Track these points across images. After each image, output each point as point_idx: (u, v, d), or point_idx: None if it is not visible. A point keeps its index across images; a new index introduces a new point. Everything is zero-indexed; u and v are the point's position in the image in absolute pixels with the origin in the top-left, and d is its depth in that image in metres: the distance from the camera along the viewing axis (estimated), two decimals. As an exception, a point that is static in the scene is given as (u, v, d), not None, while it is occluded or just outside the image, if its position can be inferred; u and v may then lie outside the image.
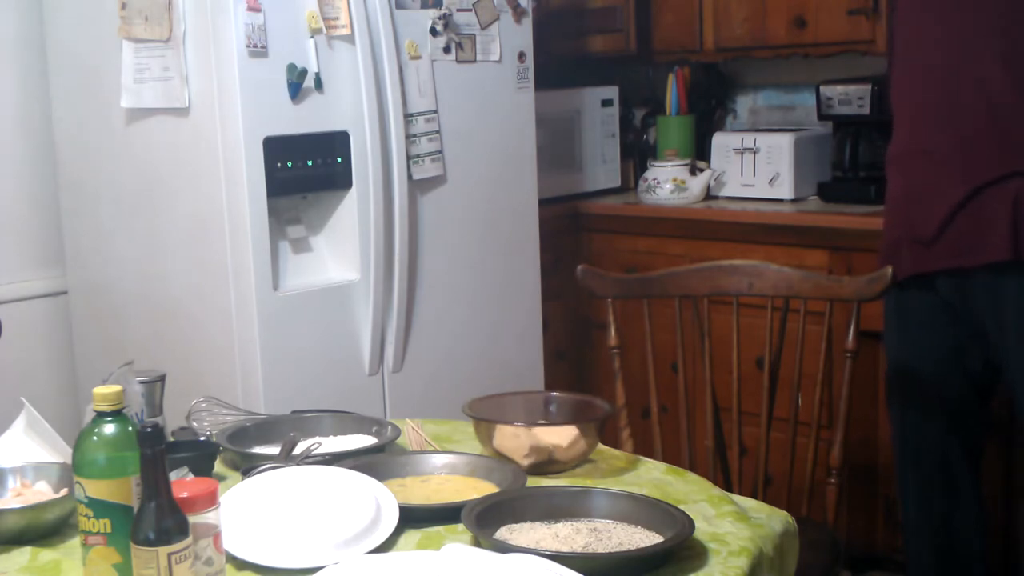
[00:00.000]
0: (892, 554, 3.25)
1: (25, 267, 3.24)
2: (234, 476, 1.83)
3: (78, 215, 3.14)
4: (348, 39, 2.83)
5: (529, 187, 3.35)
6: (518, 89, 3.28)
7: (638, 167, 4.10)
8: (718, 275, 2.52)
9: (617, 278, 2.63)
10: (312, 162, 2.84)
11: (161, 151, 2.86)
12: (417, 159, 3.01)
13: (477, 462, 1.80)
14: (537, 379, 3.37)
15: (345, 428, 2.00)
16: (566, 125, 3.93)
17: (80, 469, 1.43)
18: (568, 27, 4.07)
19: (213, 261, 2.80)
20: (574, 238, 3.88)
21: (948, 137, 2.43)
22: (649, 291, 2.57)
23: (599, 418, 1.90)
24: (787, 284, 2.45)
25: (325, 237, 2.96)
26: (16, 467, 1.74)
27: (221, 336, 2.81)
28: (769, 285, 2.46)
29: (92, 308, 3.16)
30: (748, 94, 4.09)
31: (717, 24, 3.73)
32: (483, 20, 3.16)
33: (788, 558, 1.69)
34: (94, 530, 1.41)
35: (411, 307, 3.05)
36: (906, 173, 2.53)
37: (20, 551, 1.57)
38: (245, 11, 2.66)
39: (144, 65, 2.80)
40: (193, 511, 1.36)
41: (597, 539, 1.52)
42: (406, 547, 1.56)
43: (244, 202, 2.72)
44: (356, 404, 2.68)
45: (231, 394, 2.69)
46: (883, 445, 3.19)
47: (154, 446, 1.33)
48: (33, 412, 1.87)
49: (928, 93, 2.48)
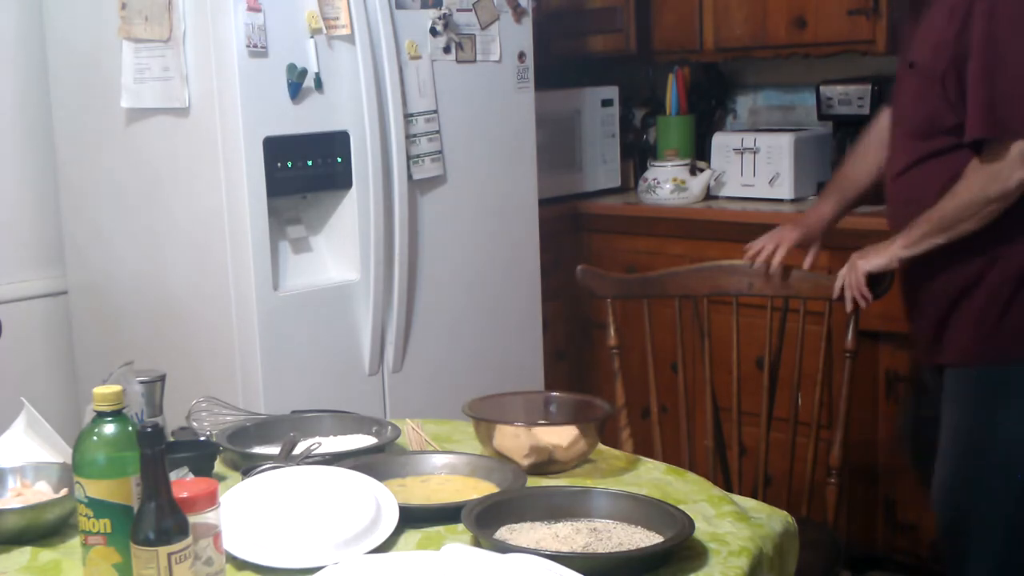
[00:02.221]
0: (892, 554, 3.25)
1: (25, 267, 3.24)
2: (234, 476, 1.83)
3: (78, 215, 3.14)
4: (348, 39, 2.83)
5: (529, 187, 3.35)
6: (518, 89, 3.28)
7: (638, 167, 4.10)
8: (718, 275, 2.53)
9: (617, 278, 2.63)
10: (312, 162, 2.84)
11: (161, 151, 2.86)
12: (417, 159, 3.01)
13: (477, 462, 1.80)
14: (537, 379, 3.37)
15: (345, 428, 2.00)
16: (566, 125, 3.93)
17: (80, 469, 1.43)
18: (568, 27, 4.07)
19: (213, 261, 2.80)
20: (574, 238, 3.88)
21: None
22: (649, 291, 2.57)
23: (599, 418, 1.90)
24: (785, 283, 2.46)
25: (325, 237, 2.96)
26: (16, 467, 1.74)
27: (221, 336, 2.81)
28: (769, 285, 2.47)
29: (92, 308, 3.16)
30: (748, 94, 4.09)
31: (717, 24, 3.73)
32: (483, 20, 3.16)
33: (788, 558, 1.69)
34: (94, 530, 1.41)
35: (411, 307, 3.05)
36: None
37: (20, 551, 1.57)
38: (245, 11, 2.66)
39: (144, 65, 2.79)
40: (193, 511, 1.36)
41: (597, 539, 1.52)
42: (406, 547, 1.56)
43: (244, 202, 2.72)
44: (356, 404, 2.68)
45: (231, 394, 2.69)
46: (883, 445, 3.20)
47: (154, 446, 1.33)
48: (33, 412, 1.87)
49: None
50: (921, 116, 2.28)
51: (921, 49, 2.27)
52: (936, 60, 2.22)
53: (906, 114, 2.35)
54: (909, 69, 2.30)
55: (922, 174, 2.29)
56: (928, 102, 2.26)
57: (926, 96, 2.26)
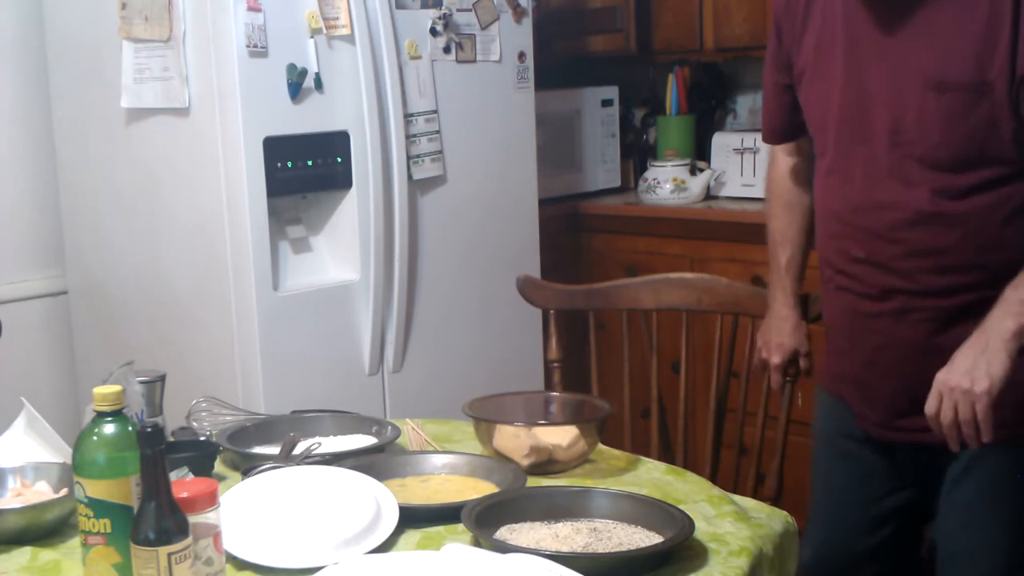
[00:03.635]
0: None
1: (25, 267, 3.24)
2: (234, 476, 1.83)
3: (78, 215, 3.14)
4: (348, 39, 2.83)
5: (529, 187, 3.35)
6: (518, 89, 3.28)
7: (638, 167, 4.11)
8: (664, 288, 2.45)
9: (560, 289, 2.56)
10: (312, 162, 2.84)
11: (161, 151, 2.86)
12: (417, 159, 3.01)
13: (477, 462, 1.80)
14: (537, 379, 3.37)
15: (345, 428, 2.00)
16: (566, 125, 3.93)
17: (80, 469, 1.43)
18: (568, 27, 4.07)
19: (213, 261, 2.80)
20: (574, 238, 3.88)
21: None
22: (594, 303, 2.52)
23: (599, 418, 1.90)
24: (735, 300, 2.37)
25: (325, 237, 2.96)
26: (16, 467, 1.74)
27: (221, 336, 2.81)
28: (717, 302, 2.39)
29: (92, 308, 3.16)
30: (748, 94, 4.09)
31: (717, 24, 3.73)
32: (483, 20, 3.16)
33: (788, 558, 1.69)
34: (94, 530, 1.41)
35: (411, 307, 3.05)
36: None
37: (20, 551, 1.57)
38: (245, 11, 2.66)
39: (144, 65, 2.80)
40: (193, 511, 1.36)
41: (597, 539, 1.52)
42: (406, 547, 1.55)
43: (244, 202, 2.72)
44: (356, 404, 2.68)
45: (231, 394, 2.69)
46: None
47: (154, 446, 1.33)
48: (33, 412, 1.87)
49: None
50: (958, 144, 1.81)
51: (942, 62, 1.80)
52: (982, 72, 1.76)
53: (919, 143, 1.84)
54: (928, 90, 1.81)
55: (957, 215, 1.83)
56: (969, 126, 1.79)
57: (965, 119, 1.79)
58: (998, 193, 1.81)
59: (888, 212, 1.88)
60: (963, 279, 1.85)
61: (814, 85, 1.99)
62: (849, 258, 1.96)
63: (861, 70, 1.90)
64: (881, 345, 1.95)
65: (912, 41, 1.83)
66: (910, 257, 1.87)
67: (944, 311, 1.87)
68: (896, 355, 1.93)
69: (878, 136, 1.88)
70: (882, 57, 1.86)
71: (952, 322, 1.86)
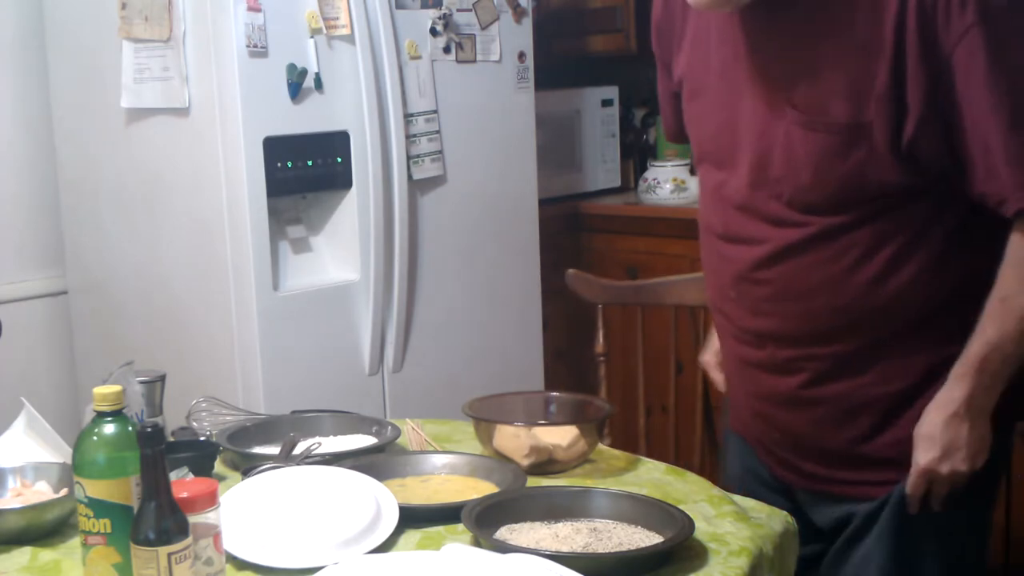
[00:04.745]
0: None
1: (25, 267, 3.24)
2: (234, 476, 1.83)
3: (78, 215, 3.14)
4: (348, 39, 2.83)
5: (529, 187, 3.35)
6: (518, 89, 3.28)
7: (638, 167, 4.10)
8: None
9: (608, 285, 2.56)
10: (312, 162, 2.84)
11: (161, 151, 2.86)
12: (417, 159, 3.01)
13: (477, 462, 1.80)
14: (537, 379, 3.37)
15: (345, 428, 2.00)
16: (566, 125, 3.93)
17: (80, 469, 1.43)
18: (568, 27, 4.07)
19: (213, 261, 2.80)
20: (574, 238, 3.88)
21: None
22: (643, 299, 2.53)
23: (599, 418, 1.90)
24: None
25: (325, 237, 2.96)
26: (16, 467, 1.74)
27: (221, 336, 2.81)
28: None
29: (92, 308, 3.16)
30: (748, 94, 4.09)
31: (717, 24, 3.72)
32: (483, 20, 3.16)
33: (788, 558, 1.69)
34: (94, 530, 1.41)
35: (411, 307, 3.05)
36: None
37: (20, 551, 1.57)
38: (245, 11, 2.66)
39: (144, 65, 2.80)
40: (193, 511, 1.36)
41: (597, 539, 1.52)
42: (406, 547, 1.55)
43: (244, 202, 2.72)
44: (356, 404, 2.68)
45: (231, 394, 2.69)
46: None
47: (154, 446, 1.33)
48: (33, 412, 1.87)
49: None
50: (832, 182, 1.67)
51: (815, 97, 1.66)
52: (858, 112, 1.62)
53: (785, 182, 1.71)
54: (794, 124, 1.68)
55: (822, 255, 1.71)
56: (847, 162, 1.65)
57: (843, 155, 1.65)
58: (871, 231, 1.69)
59: (754, 248, 1.78)
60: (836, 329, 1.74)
61: (692, 101, 1.89)
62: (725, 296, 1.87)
63: (732, 95, 1.77)
64: (758, 393, 1.88)
65: (783, 70, 1.70)
66: (777, 300, 1.77)
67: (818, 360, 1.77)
68: (770, 405, 1.86)
69: (742, 169, 1.76)
70: (753, 84, 1.73)
71: (828, 375, 1.77)
